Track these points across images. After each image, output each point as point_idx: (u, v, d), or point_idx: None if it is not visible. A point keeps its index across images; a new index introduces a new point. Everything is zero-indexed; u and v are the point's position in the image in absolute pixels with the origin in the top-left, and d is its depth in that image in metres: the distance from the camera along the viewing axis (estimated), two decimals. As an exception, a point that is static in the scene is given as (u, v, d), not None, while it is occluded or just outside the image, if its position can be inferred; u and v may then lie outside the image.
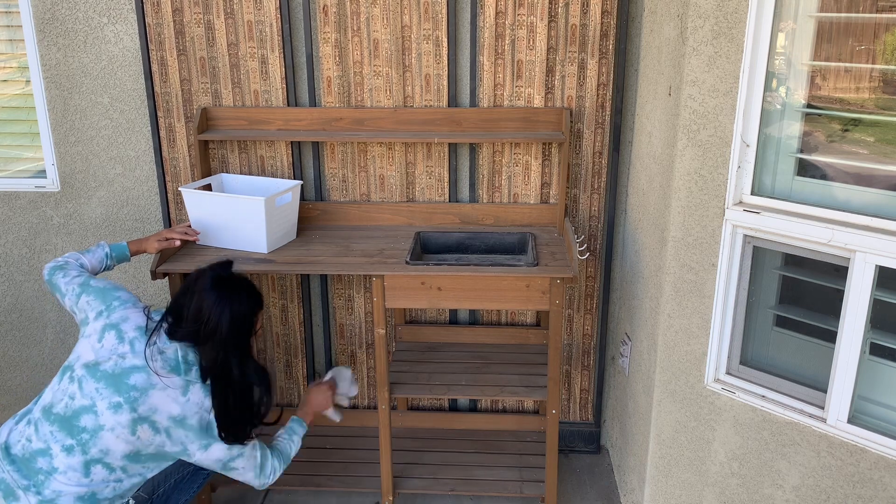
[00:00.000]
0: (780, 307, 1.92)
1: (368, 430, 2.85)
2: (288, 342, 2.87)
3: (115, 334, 1.78)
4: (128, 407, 1.71)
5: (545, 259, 2.28)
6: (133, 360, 1.74)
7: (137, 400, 1.72)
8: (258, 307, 1.91)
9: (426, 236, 2.57)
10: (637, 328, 2.38)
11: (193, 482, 2.14)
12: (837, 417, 1.74)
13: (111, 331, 1.78)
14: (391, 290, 2.23)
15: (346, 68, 2.53)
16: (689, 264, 1.97)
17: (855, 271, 1.65)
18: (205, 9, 2.50)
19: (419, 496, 2.59)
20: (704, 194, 1.89)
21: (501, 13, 2.44)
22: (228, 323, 1.79)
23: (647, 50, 2.32)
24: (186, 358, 1.78)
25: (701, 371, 2.00)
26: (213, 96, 2.59)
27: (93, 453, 1.72)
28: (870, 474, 1.70)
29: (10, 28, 2.63)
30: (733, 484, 1.99)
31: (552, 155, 2.58)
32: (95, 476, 1.73)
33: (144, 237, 2.29)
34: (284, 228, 2.45)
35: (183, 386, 1.76)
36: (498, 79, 2.50)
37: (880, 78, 1.64)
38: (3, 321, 2.94)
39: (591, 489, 2.67)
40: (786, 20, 1.73)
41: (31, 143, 2.75)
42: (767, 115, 1.79)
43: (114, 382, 1.72)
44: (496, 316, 2.81)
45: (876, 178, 1.66)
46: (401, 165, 2.63)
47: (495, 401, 2.89)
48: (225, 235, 2.39)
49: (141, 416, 1.72)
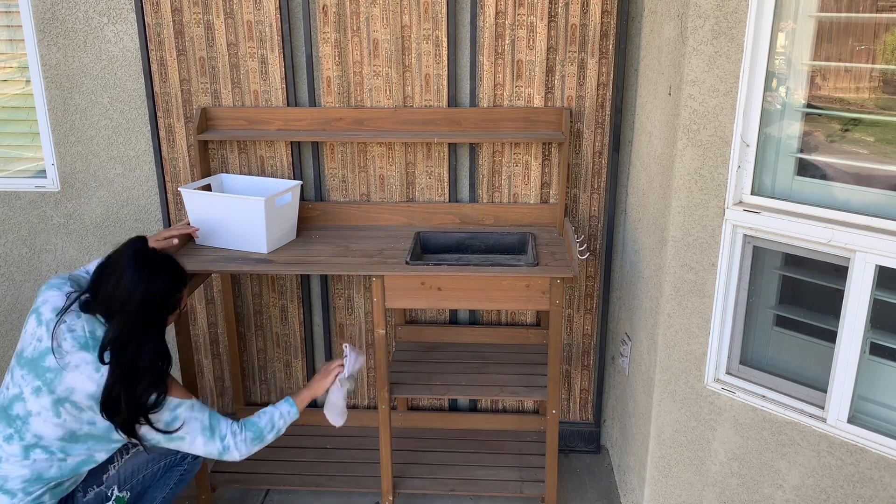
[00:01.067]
0: (780, 307, 1.92)
1: (368, 430, 2.85)
2: (288, 342, 2.87)
3: (35, 318, 1.81)
4: (46, 389, 1.74)
5: (545, 259, 2.28)
6: (47, 342, 1.76)
7: (53, 381, 1.74)
8: (178, 287, 1.88)
9: (426, 236, 2.57)
10: (637, 328, 2.38)
11: (169, 478, 2.10)
12: (837, 417, 1.74)
13: (32, 315, 1.82)
14: (391, 290, 2.23)
15: (345, 68, 2.53)
16: (689, 264, 1.96)
17: (855, 271, 1.65)
18: (204, 9, 2.49)
19: (419, 496, 2.59)
20: (704, 194, 1.89)
21: (501, 13, 2.44)
22: (140, 299, 1.77)
23: (647, 50, 2.32)
24: (94, 334, 1.77)
25: (701, 371, 2.00)
26: (213, 96, 2.59)
27: (28, 439, 1.76)
28: (870, 474, 1.70)
29: (10, 28, 2.63)
30: (733, 484, 1.99)
31: (552, 155, 2.58)
32: (37, 458, 1.77)
33: None
34: (284, 229, 2.45)
35: (94, 362, 1.75)
36: (498, 79, 2.50)
37: (880, 78, 1.64)
38: (3, 321, 2.94)
39: (591, 489, 2.67)
40: (786, 20, 1.72)
41: (31, 143, 2.75)
42: (767, 115, 1.79)
43: (33, 367, 1.76)
44: (496, 316, 2.80)
45: (876, 178, 1.66)
46: (401, 165, 2.62)
47: (495, 401, 2.89)
48: (224, 236, 2.39)
49: (60, 398, 1.74)
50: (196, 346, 2.87)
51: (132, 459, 2.03)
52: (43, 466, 1.78)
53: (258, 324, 2.85)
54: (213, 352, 2.89)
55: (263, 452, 2.69)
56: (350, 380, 2.17)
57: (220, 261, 2.31)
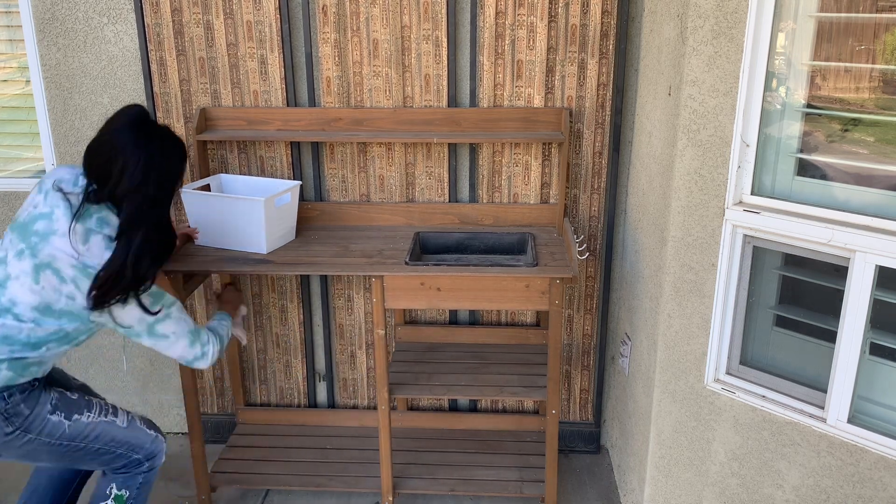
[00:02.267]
0: (780, 307, 1.92)
1: (368, 430, 2.85)
2: (288, 342, 2.87)
3: (37, 188, 1.81)
4: (29, 253, 1.72)
5: (545, 259, 2.28)
6: (43, 208, 1.75)
7: (38, 245, 1.72)
8: (182, 155, 1.86)
9: (425, 236, 2.57)
10: (637, 328, 2.38)
11: (127, 470, 2.01)
12: (837, 417, 1.74)
13: (35, 187, 1.82)
14: (391, 290, 2.23)
15: (345, 68, 2.53)
16: (689, 264, 1.96)
17: (855, 271, 1.65)
18: (204, 9, 2.49)
19: (419, 496, 2.59)
20: (704, 194, 1.89)
21: (501, 13, 2.44)
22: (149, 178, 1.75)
23: (647, 50, 2.32)
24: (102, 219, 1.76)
25: (701, 371, 2.00)
26: (213, 96, 2.59)
27: (2, 302, 1.75)
28: (870, 474, 1.70)
29: (10, 28, 2.63)
30: (733, 484, 1.99)
31: (552, 155, 2.58)
32: (6, 322, 1.74)
33: None
34: (283, 229, 2.45)
35: (84, 234, 1.73)
36: (498, 79, 2.50)
37: (880, 78, 1.64)
38: (2, 321, 2.94)
39: (591, 489, 2.67)
40: (786, 20, 1.72)
41: (31, 143, 2.75)
42: (767, 115, 1.79)
43: (22, 231, 1.75)
44: (496, 316, 2.80)
45: (876, 178, 1.66)
46: (400, 166, 2.62)
47: (495, 401, 2.89)
48: (224, 236, 2.39)
49: (42, 263, 1.72)
50: (196, 347, 2.87)
51: (105, 426, 1.95)
52: (12, 331, 1.75)
53: (258, 324, 2.85)
54: (212, 352, 2.89)
55: (263, 452, 2.70)
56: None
57: (220, 261, 2.31)
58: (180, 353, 1.90)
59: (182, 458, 2.86)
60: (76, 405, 1.91)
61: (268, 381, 2.92)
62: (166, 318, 1.84)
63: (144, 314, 1.80)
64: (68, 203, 1.75)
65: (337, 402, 2.94)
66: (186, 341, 1.89)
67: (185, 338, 1.89)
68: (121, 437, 1.97)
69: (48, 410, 1.85)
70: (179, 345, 1.88)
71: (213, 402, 2.96)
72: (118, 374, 2.95)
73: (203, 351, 1.93)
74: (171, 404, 2.99)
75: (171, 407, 3.00)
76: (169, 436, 3.03)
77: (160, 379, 2.94)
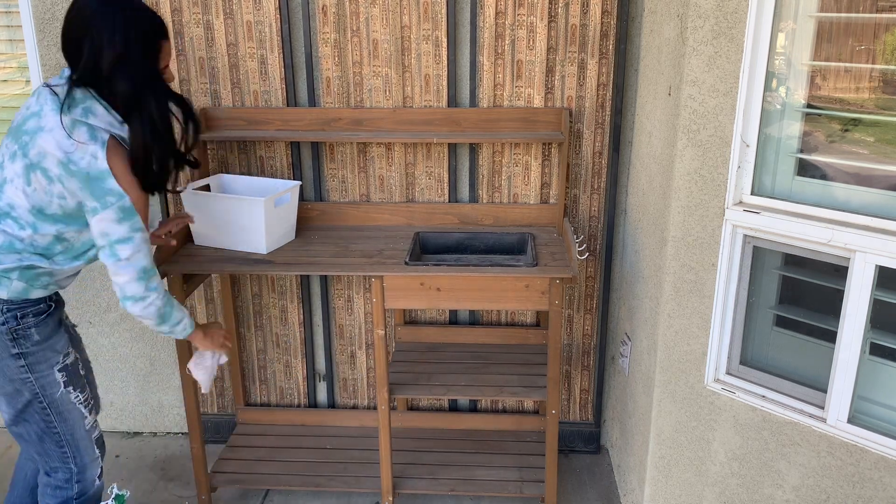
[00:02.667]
0: (780, 307, 1.92)
1: (368, 430, 2.85)
2: (287, 342, 2.87)
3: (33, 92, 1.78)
4: (21, 153, 1.69)
5: (544, 259, 2.28)
6: (34, 107, 1.72)
7: (28, 145, 1.68)
8: (156, 17, 1.78)
9: (425, 237, 2.57)
10: (637, 328, 2.38)
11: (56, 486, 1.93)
12: (837, 417, 1.74)
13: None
14: (390, 290, 2.23)
15: (345, 68, 2.53)
16: (689, 264, 1.96)
17: (855, 271, 1.65)
18: (204, 9, 2.49)
19: (419, 496, 2.59)
20: (704, 194, 1.89)
21: (501, 13, 2.44)
22: (133, 43, 1.68)
23: (647, 50, 2.32)
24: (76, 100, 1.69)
25: (701, 371, 2.00)
26: (212, 97, 2.58)
27: (2, 206, 1.73)
28: (870, 474, 1.70)
29: (10, 28, 2.63)
30: (733, 484, 1.99)
31: (552, 155, 2.58)
32: (7, 228, 1.72)
33: None
34: (283, 229, 2.45)
35: (70, 125, 1.67)
36: (498, 79, 2.50)
37: (880, 78, 1.64)
38: (2, 322, 2.93)
39: (591, 489, 2.67)
40: (786, 20, 1.72)
41: (30, 143, 2.75)
42: (767, 115, 1.79)
43: (15, 133, 1.73)
44: (496, 316, 2.80)
45: (876, 178, 1.66)
46: (400, 166, 2.62)
47: (495, 401, 2.89)
48: (224, 236, 2.39)
49: (32, 163, 1.67)
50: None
51: (77, 416, 1.89)
52: (12, 239, 1.73)
53: (258, 324, 2.85)
54: (212, 352, 2.89)
55: (263, 452, 2.70)
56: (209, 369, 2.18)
57: (220, 261, 2.31)
58: (123, 282, 1.77)
59: (182, 458, 2.86)
60: (77, 379, 1.89)
61: (268, 381, 2.92)
62: (127, 242, 1.73)
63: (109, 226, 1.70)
64: (56, 97, 1.69)
65: (337, 402, 2.94)
66: (134, 273, 1.75)
67: (134, 269, 1.75)
68: (77, 436, 1.91)
69: (57, 365, 1.83)
70: (127, 273, 1.75)
71: (213, 402, 2.96)
72: (117, 373, 2.95)
73: (144, 295, 1.78)
74: (171, 404, 2.99)
75: (171, 407, 3.00)
76: (169, 436, 3.03)
77: (160, 379, 2.94)
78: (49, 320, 1.82)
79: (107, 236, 1.72)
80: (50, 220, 1.72)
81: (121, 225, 1.72)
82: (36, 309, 1.79)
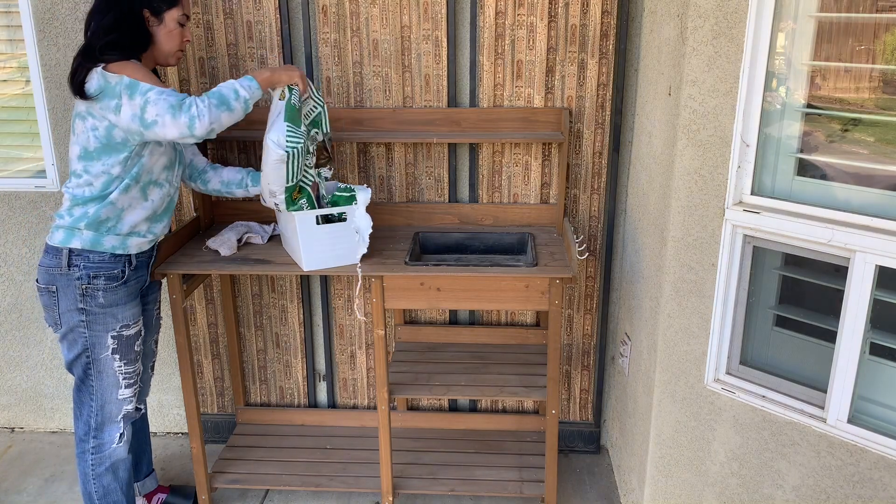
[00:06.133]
0: (779, 307, 1.92)
1: (368, 430, 2.85)
2: (288, 342, 2.87)
3: None
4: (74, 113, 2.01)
5: (544, 259, 2.28)
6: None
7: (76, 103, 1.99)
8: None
9: (425, 237, 2.57)
10: (637, 328, 2.38)
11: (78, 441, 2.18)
12: (837, 417, 1.74)
13: None
14: (390, 290, 2.23)
15: (345, 68, 2.53)
16: (689, 264, 1.97)
17: (855, 271, 1.65)
18: (204, 9, 2.49)
19: (419, 496, 2.59)
20: (704, 194, 1.89)
21: (501, 13, 2.44)
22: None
23: (647, 50, 2.32)
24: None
25: (701, 371, 2.00)
26: (213, 96, 2.58)
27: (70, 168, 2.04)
28: (870, 474, 1.70)
29: (10, 28, 2.63)
30: (733, 484, 1.99)
31: (552, 155, 2.58)
32: (70, 186, 2.02)
33: (272, 69, 2.10)
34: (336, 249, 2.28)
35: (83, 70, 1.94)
36: (498, 79, 2.50)
37: (880, 78, 1.64)
38: (3, 321, 2.94)
39: (591, 489, 2.67)
40: (786, 20, 1.72)
41: (31, 143, 2.75)
42: (767, 115, 1.79)
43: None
44: (496, 316, 2.80)
45: (876, 178, 1.66)
46: (400, 166, 2.62)
47: (495, 401, 2.89)
48: (287, 246, 2.39)
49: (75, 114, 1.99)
50: (196, 347, 2.87)
51: (112, 380, 2.12)
52: (77, 191, 2.00)
53: (258, 324, 2.85)
54: (212, 352, 2.89)
55: (263, 452, 2.70)
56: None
57: (220, 261, 2.31)
58: (173, 133, 1.91)
59: (182, 458, 2.87)
60: (128, 351, 2.12)
61: (268, 380, 2.92)
62: (147, 105, 1.89)
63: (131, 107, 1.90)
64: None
65: (337, 402, 2.94)
66: (170, 116, 1.89)
67: (168, 113, 1.89)
68: (107, 397, 2.13)
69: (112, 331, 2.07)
70: (168, 124, 1.90)
71: (213, 402, 2.96)
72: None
73: (189, 117, 1.90)
74: (171, 404, 2.99)
75: (171, 407, 3.00)
76: (169, 436, 3.03)
77: (160, 379, 2.94)
78: (120, 289, 2.06)
79: (135, 116, 1.90)
80: (93, 157, 1.97)
81: (133, 99, 1.90)
82: (110, 273, 2.03)
